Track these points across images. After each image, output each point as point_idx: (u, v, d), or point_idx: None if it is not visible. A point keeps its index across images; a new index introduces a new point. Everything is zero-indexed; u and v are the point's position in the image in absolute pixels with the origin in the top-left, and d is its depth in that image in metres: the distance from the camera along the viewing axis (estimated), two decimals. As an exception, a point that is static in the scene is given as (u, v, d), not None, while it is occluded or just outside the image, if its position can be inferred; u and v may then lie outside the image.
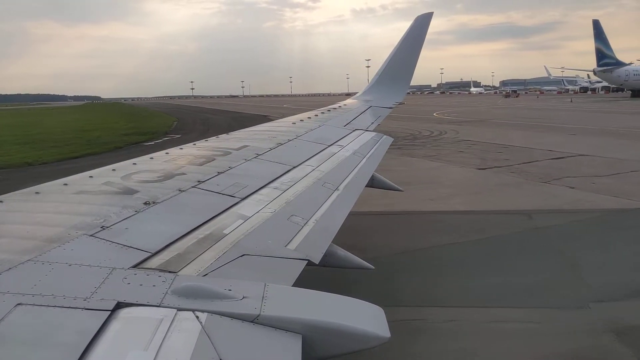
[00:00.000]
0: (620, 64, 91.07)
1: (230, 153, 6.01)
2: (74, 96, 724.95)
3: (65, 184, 4.32)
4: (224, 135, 7.79)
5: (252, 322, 2.38)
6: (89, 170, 4.92)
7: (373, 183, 7.28)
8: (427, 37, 13.47)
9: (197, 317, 2.31)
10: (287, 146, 6.93)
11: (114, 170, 4.91)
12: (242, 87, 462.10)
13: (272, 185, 4.92)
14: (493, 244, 10.86)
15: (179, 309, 2.35)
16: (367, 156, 7.35)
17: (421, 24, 13.57)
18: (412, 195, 15.25)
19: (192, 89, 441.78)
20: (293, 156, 6.27)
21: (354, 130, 9.13)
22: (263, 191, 4.67)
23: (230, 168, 5.20)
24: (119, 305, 2.33)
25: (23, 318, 2.17)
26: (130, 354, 2.04)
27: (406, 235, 11.88)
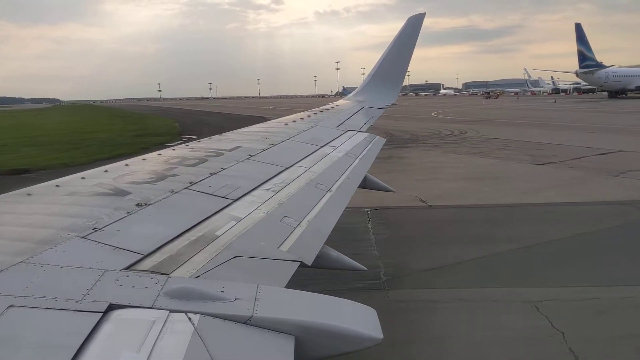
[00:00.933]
0: (600, 66, 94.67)
1: (222, 154, 6.01)
2: (31, 99, 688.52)
3: (57, 186, 4.30)
4: (216, 136, 7.78)
5: (244, 323, 2.39)
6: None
7: (366, 184, 7.31)
8: (388, 40, 13.56)
9: (190, 318, 2.31)
10: (280, 147, 6.93)
11: (106, 171, 4.89)
12: (210, 89, 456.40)
13: (264, 186, 4.92)
14: (628, 230, 11.55)
15: (172, 311, 2.35)
16: (360, 157, 7.37)
17: (413, 24, 13.61)
18: (499, 189, 16.13)
19: (160, 90, 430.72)
20: (286, 157, 6.27)
21: (346, 131, 9.14)
22: (256, 192, 4.67)
23: (223, 169, 5.20)
24: (111, 307, 2.32)
25: (15, 320, 2.16)
26: (122, 355, 2.04)
27: (540, 226, 12.21)
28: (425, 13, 13.97)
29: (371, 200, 12.87)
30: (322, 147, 7.36)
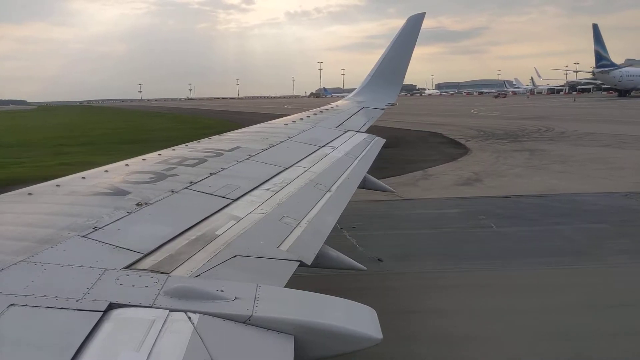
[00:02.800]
0: (616, 66, 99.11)
1: (222, 154, 6.02)
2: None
3: (58, 185, 4.31)
4: (216, 137, 7.79)
5: (244, 322, 2.40)
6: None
7: (365, 184, 7.31)
8: (360, 41, 13.66)
9: (189, 318, 2.32)
10: (280, 147, 6.94)
11: (106, 171, 4.90)
12: (190, 89, 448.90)
13: (264, 186, 4.93)
14: None
15: (171, 310, 2.36)
16: (360, 157, 7.38)
17: (413, 24, 13.61)
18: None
19: (141, 91, 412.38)
20: (285, 157, 6.28)
21: (346, 132, 9.15)
22: (255, 192, 4.68)
23: (223, 169, 5.21)
24: (112, 306, 2.33)
25: (15, 319, 2.17)
26: (122, 354, 2.05)
27: None
28: (424, 13, 13.96)
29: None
30: (321, 147, 7.37)
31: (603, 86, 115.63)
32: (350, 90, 16.81)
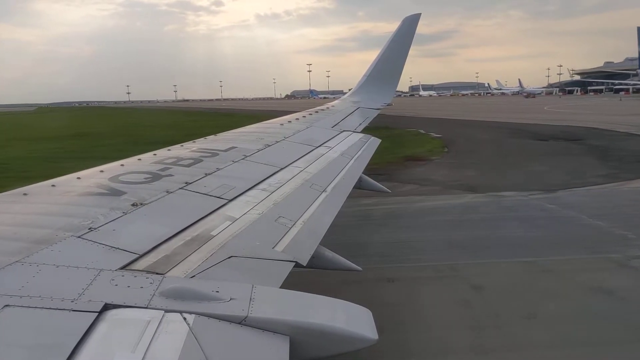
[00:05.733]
0: None
1: (218, 154, 6.02)
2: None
3: (53, 185, 4.30)
4: (211, 137, 7.79)
5: (239, 323, 2.40)
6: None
7: (361, 184, 7.31)
8: (330, 44, 13.62)
9: (185, 318, 2.32)
10: (275, 147, 6.94)
11: (101, 171, 4.89)
12: (175, 91, 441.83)
13: (260, 186, 4.93)
14: None
15: (167, 311, 2.36)
16: (355, 157, 7.39)
17: (409, 25, 13.64)
18: None
19: (129, 93, 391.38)
20: (281, 157, 6.29)
21: (342, 132, 9.16)
22: (251, 193, 4.69)
23: (218, 169, 5.21)
24: (107, 307, 2.33)
25: (10, 319, 2.17)
26: (117, 355, 2.05)
27: None
28: (420, 14, 13.99)
29: None
30: (317, 147, 7.37)
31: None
32: (337, 92, 16.82)
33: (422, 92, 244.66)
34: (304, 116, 10.58)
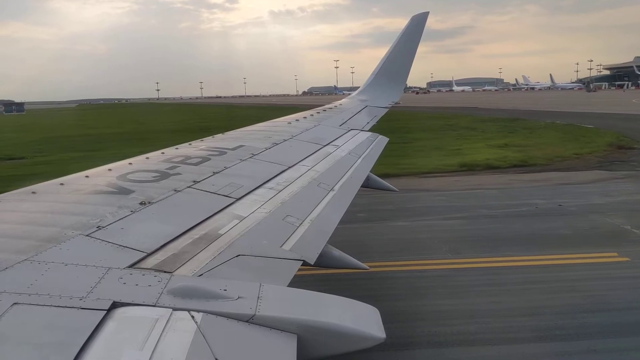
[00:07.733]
0: None
1: (225, 153, 6.02)
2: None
3: (62, 184, 4.32)
4: (219, 135, 7.80)
5: (247, 322, 2.40)
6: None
7: (369, 183, 7.30)
8: (344, 40, 13.58)
9: (193, 317, 2.32)
10: (283, 146, 6.94)
11: (110, 170, 4.91)
12: (201, 88, 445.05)
13: (267, 185, 4.93)
14: None
15: (175, 309, 2.36)
16: (363, 156, 7.37)
17: (417, 23, 13.57)
18: None
19: (158, 90, 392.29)
20: (288, 156, 6.28)
21: (349, 130, 9.14)
22: (258, 191, 4.68)
23: (226, 168, 5.21)
24: (115, 305, 2.34)
25: (19, 318, 2.18)
26: (125, 353, 2.05)
27: None
28: (428, 12, 13.91)
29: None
30: (324, 146, 7.36)
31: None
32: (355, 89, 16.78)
33: (455, 87, 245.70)
34: (312, 114, 10.57)
